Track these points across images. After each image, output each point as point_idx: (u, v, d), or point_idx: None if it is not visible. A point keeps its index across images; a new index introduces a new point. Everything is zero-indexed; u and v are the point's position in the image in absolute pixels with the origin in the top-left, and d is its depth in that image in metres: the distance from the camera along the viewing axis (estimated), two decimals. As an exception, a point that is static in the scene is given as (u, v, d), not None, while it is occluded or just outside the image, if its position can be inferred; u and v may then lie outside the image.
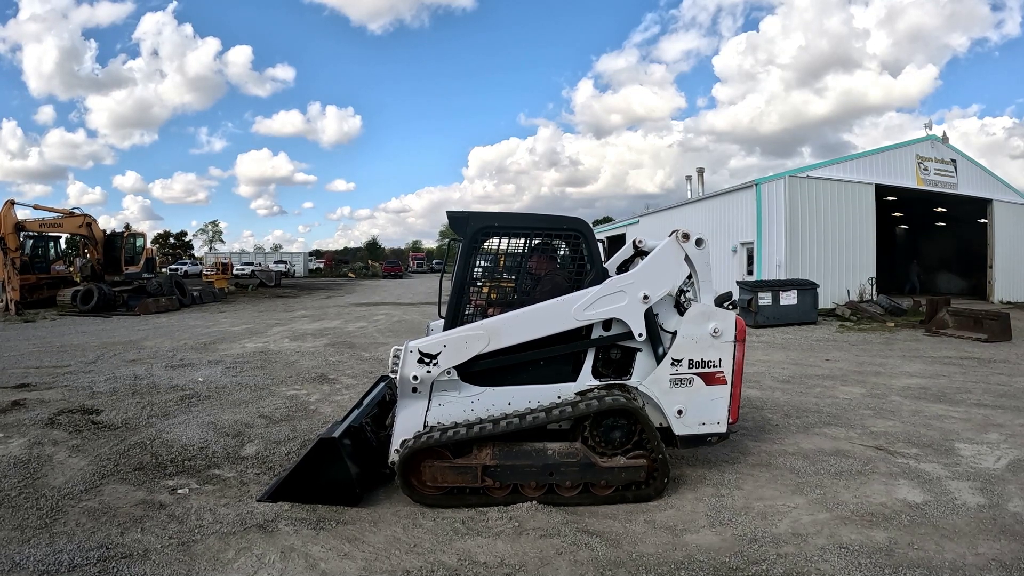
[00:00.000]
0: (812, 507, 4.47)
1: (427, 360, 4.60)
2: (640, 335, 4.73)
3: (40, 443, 5.91)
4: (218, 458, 5.54)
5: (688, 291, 5.05)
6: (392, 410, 5.07)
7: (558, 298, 4.73)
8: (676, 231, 4.85)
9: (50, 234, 24.74)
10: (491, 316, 4.84)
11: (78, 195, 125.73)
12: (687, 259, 4.89)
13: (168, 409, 7.24)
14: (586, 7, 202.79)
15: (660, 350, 4.76)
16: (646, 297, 4.71)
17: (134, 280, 24.40)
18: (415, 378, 4.62)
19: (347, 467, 4.46)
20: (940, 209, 29.05)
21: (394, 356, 4.73)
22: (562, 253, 5.18)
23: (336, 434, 4.58)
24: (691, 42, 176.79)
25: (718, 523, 4.22)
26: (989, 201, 24.14)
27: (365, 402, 5.55)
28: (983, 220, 25.20)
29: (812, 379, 9.30)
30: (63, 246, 29.64)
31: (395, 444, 4.68)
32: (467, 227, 4.75)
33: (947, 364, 10.73)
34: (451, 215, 4.90)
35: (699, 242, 4.87)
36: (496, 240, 4.98)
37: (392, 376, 4.75)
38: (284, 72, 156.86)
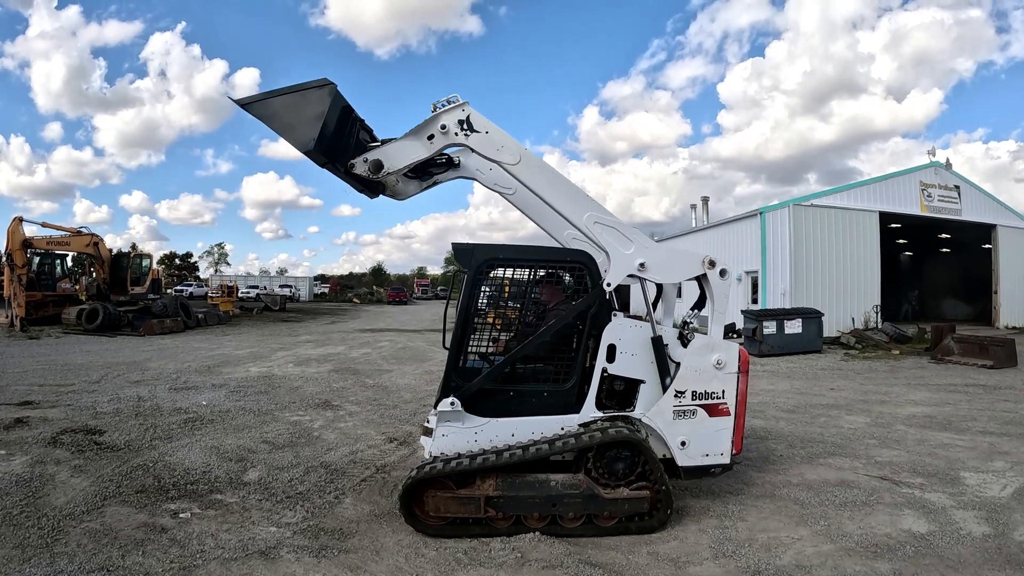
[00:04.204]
0: (816, 538, 4.44)
1: (464, 127, 4.64)
2: (608, 285, 4.71)
3: (43, 462, 5.92)
4: (220, 483, 5.54)
5: (692, 322, 5.06)
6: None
7: (582, 193, 4.80)
8: (706, 256, 4.87)
9: (57, 252, 24.98)
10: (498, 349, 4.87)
11: (84, 213, 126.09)
12: (703, 280, 4.91)
13: (171, 432, 7.24)
14: (593, 34, 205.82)
15: (668, 380, 4.76)
16: (642, 265, 4.74)
17: (139, 300, 24.53)
18: (443, 128, 4.65)
19: (329, 115, 4.44)
20: (944, 235, 29.13)
21: (448, 99, 4.67)
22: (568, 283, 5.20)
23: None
24: (697, 69, 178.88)
25: (721, 555, 4.19)
26: (993, 226, 24.24)
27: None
28: (988, 245, 25.25)
29: (817, 408, 9.26)
30: (69, 264, 29.85)
31: (373, 156, 4.71)
32: (472, 259, 4.79)
33: (952, 392, 10.69)
34: (456, 247, 4.94)
35: (723, 272, 4.87)
36: (501, 271, 5.02)
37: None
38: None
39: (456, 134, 4.66)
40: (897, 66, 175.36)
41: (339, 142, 4.67)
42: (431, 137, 4.70)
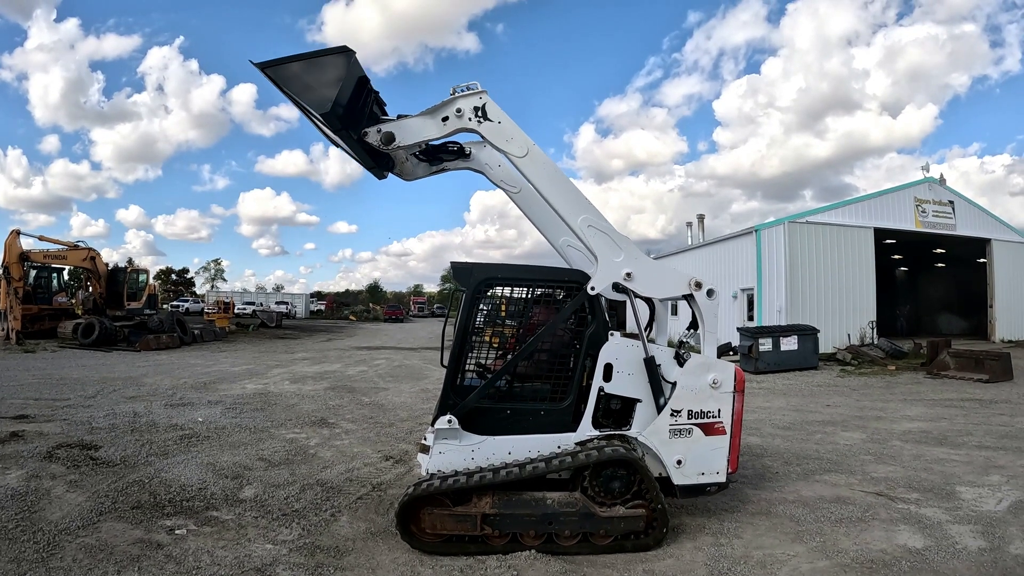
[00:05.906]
0: (812, 555, 4.45)
1: (478, 113, 4.73)
2: (592, 288, 4.75)
3: (38, 476, 5.91)
4: (216, 500, 5.52)
5: (688, 341, 5.09)
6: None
7: (582, 195, 4.83)
8: (692, 278, 4.92)
9: (54, 265, 25.04)
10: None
11: (81, 227, 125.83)
12: (690, 301, 4.95)
13: (167, 448, 7.22)
14: (589, 51, 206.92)
15: (661, 400, 4.77)
16: (628, 275, 4.78)
17: (136, 316, 24.52)
18: (459, 111, 4.73)
19: (347, 80, 4.45)
20: (939, 250, 29.30)
21: (467, 85, 4.77)
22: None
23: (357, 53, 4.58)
24: (693, 86, 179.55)
25: (717, 572, 4.19)
26: (988, 241, 24.41)
27: None
28: (982, 260, 25.41)
29: (813, 425, 9.28)
30: (66, 278, 29.87)
31: (387, 127, 4.75)
32: (471, 278, 4.83)
33: (948, 406, 10.73)
34: (455, 266, 4.98)
35: (710, 292, 4.91)
36: (499, 290, 5.06)
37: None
38: (288, 111, 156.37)
39: (469, 119, 4.73)
40: (892, 82, 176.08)
41: (354, 109, 4.71)
42: (445, 119, 4.76)
